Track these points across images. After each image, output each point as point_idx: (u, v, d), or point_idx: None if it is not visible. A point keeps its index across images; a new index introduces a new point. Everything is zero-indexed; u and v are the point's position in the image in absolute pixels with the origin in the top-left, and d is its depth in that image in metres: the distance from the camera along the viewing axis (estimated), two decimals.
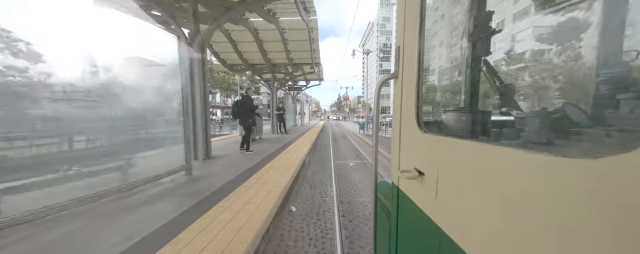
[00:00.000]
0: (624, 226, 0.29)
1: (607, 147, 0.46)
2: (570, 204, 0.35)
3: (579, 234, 0.34)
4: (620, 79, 0.65)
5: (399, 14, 0.93)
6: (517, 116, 0.82)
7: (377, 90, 0.99)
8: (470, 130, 0.87)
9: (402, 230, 0.97)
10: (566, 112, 0.66)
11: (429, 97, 1.08)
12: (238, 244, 1.78)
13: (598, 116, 0.66)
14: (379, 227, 1.22)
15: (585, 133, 0.55)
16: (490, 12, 0.92)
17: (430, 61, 0.95)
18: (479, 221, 0.53)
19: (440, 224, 0.67)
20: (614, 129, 0.49)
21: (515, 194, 0.44)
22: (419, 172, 0.79)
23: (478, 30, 0.93)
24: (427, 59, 0.85)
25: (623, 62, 0.64)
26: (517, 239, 0.44)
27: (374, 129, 1.06)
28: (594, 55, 0.72)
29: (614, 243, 0.30)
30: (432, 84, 1.26)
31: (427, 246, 0.77)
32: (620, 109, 0.52)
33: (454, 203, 0.63)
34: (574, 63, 0.86)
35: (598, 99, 0.68)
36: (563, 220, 0.36)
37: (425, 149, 0.78)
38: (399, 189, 0.96)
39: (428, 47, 0.84)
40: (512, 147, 0.46)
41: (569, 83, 0.92)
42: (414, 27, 0.81)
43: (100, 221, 2.19)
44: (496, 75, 0.94)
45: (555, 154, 0.38)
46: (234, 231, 1.97)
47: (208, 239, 1.84)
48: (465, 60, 1.00)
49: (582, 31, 0.76)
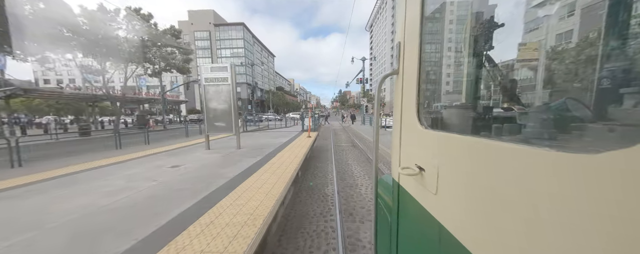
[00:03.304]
0: (624, 220, 0.29)
1: (607, 142, 0.46)
2: (571, 199, 0.35)
3: (579, 230, 0.34)
4: (621, 74, 0.65)
5: (399, 10, 0.95)
6: (517, 112, 0.83)
7: (378, 86, 1.01)
8: (471, 126, 0.88)
9: (402, 226, 0.99)
10: (567, 108, 0.67)
11: (429, 93, 1.09)
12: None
13: (599, 111, 0.67)
14: (380, 223, 1.24)
15: (586, 128, 0.55)
16: (491, 8, 0.93)
17: (431, 57, 0.96)
18: (479, 216, 0.54)
19: (441, 220, 0.69)
20: (614, 124, 0.49)
21: (516, 189, 0.45)
22: (419, 168, 0.80)
23: (479, 26, 0.94)
24: (428, 55, 0.86)
25: (623, 57, 0.65)
26: (517, 234, 0.45)
27: (375, 125, 1.08)
28: (594, 50, 0.73)
29: (614, 238, 0.30)
30: (433, 80, 1.26)
31: (427, 242, 0.78)
32: (621, 104, 0.53)
33: (454, 199, 0.64)
34: (575, 58, 0.86)
35: (599, 94, 0.69)
36: (563, 215, 0.36)
37: (426, 146, 0.79)
38: (399, 185, 0.98)
39: (429, 43, 0.85)
40: (513, 143, 0.47)
41: (569, 78, 0.92)
42: (414, 23, 0.83)
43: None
44: (497, 71, 0.96)
45: (556, 149, 0.39)
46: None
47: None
48: (466, 56, 1.01)
49: (582, 26, 0.77)
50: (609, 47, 0.70)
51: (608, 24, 0.66)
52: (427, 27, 0.82)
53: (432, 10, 0.93)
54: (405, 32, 0.90)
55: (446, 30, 1.11)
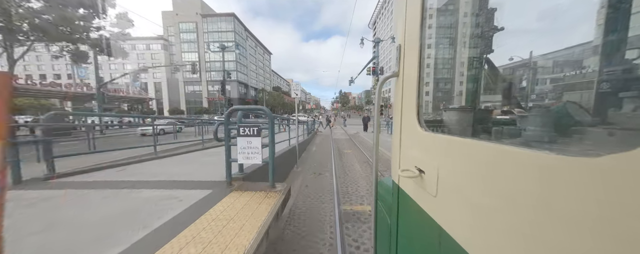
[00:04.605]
0: (624, 224, 0.30)
1: (608, 145, 0.47)
2: (571, 203, 0.36)
3: (579, 233, 0.35)
4: (621, 78, 0.66)
5: (399, 12, 0.95)
6: (517, 115, 0.85)
7: (378, 88, 1.01)
8: (471, 129, 0.90)
9: (402, 228, 1.00)
10: (567, 111, 0.68)
11: (429, 95, 1.10)
12: None
13: (598, 114, 0.68)
14: (380, 225, 1.25)
15: (586, 132, 0.56)
16: (491, 11, 0.94)
17: (431, 60, 0.97)
18: (479, 219, 0.55)
19: (441, 223, 0.70)
20: (614, 127, 0.50)
21: (516, 192, 0.46)
22: (419, 170, 0.81)
23: (479, 28, 0.95)
24: (428, 58, 0.87)
25: (623, 61, 0.66)
26: (517, 237, 0.45)
27: (375, 127, 1.09)
28: (594, 54, 0.75)
29: (614, 242, 0.31)
30: (433, 83, 1.28)
31: (427, 244, 0.79)
32: (621, 107, 0.54)
33: (454, 201, 0.65)
34: (574, 62, 0.89)
35: (598, 97, 0.70)
36: (563, 218, 0.37)
37: (426, 148, 0.80)
38: (399, 187, 0.99)
39: (429, 46, 0.86)
40: (513, 146, 0.48)
41: (569, 82, 0.95)
42: (414, 26, 0.83)
43: None
44: (497, 74, 0.97)
45: (556, 152, 0.39)
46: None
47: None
48: (466, 59, 1.03)
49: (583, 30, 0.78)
50: (609, 51, 0.71)
51: (608, 27, 0.67)
52: (427, 30, 0.82)
53: (432, 13, 0.93)
54: (405, 34, 0.90)
55: (446, 33, 1.12)
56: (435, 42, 1.05)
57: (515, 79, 1.04)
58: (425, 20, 0.81)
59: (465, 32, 1.02)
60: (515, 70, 1.06)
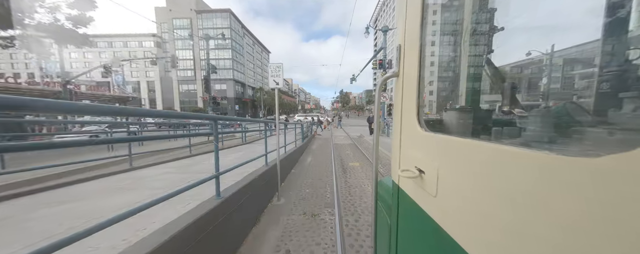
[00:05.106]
0: (623, 224, 0.30)
1: (608, 145, 0.47)
2: (571, 203, 0.36)
3: (579, 233, 0.35)
4: (621, 78, 0.67)
5: (399, 12, 0.95)
6: (518, 115, 0.86)
7: (378, 88, 1.01)
8: (471, 129, 0.90)
9: (402, 229, 1.00)
10: (567, 111, 0.69)
11: (430, 95, 1.10)
12: None
13: (599, 114, 0.69)
14: (380, 226, 1.26)
15: (586, 132, 0.57)
16: (491, 10, 0.94)
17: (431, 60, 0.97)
18: (479, 219, 0.55)
19: (440, 223, 0.70)
20: (614, 128, 0.51)
21: (516, 192, 0.46)
22: (419, 171, 0.81)
23: (479, 28, 0.96)
24: (428, 57, 0.87)
25: (624, 60, 0.67)
26: (517, 237, 0.46)
27: (376, 127, 1.09)
28: (595, 53, 0.76)
29: (614, 242, 0.31)
30: (433, 83, 1.28)
31: (427, 245, 0.80)
32: (621, 107, 0.55)
33: (454, 202, 0.65)
34: (575, 62, 0.90)
35: (598, 97, 0.71)
36: (563, 219, 0.37)
37: (426, 148, 0.80)
38: (399, 187, 0.99)
39: (429, 46, 0.86)
40: (513, 146, 0.48)
41: (570, 82, 0.96)
42: (415, 26, 0.83)
43: None
44: (497, 73, 0.98)
45: (556, 152, 0.39)
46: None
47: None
48: (466, 59, 1.03)
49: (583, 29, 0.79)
50: (609, 51, 0.72)
51: (608, 27, 0.68)
52: (427, 30, 0.82)
53: (432, 13, 0.93)
54: (406, 34, 0.91)
55: (446, 33, 1.13)
56: (436, 42, 1.05)
57: (515, 79, 1.05)
58: (426, 20, 0.81)
59: (465, 32, 1.02)
60: (515, 70, 1.07)
